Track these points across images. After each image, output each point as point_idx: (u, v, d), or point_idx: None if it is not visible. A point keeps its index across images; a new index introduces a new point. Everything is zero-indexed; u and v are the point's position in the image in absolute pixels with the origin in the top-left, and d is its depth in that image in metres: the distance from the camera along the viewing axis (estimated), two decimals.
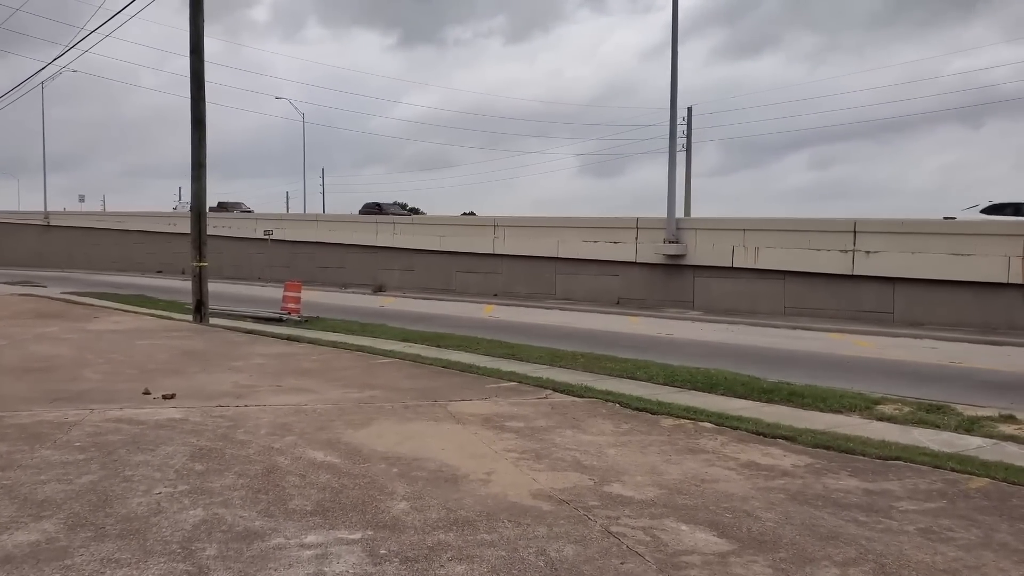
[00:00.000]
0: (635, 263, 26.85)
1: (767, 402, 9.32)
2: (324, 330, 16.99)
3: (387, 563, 4.25)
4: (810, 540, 4.73)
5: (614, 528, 4.86)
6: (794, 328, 19.87)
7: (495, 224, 31.80)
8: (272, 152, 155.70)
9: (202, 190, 17.88)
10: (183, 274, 33.83)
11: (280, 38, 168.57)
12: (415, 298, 29.49)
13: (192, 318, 17.66)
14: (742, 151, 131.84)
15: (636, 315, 23.21)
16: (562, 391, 9.53)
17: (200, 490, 5.46)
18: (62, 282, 34.92)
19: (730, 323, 21.05)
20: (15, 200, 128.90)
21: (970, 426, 8.16)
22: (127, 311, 20.42)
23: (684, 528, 4.90)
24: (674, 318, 22.43)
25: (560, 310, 24.88)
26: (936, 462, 6.51)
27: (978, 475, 6.18)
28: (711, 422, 7.89)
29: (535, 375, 10.74)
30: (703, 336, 17.99)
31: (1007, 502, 5.58)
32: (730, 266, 24.56)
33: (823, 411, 8.89)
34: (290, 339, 14.68)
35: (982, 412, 8.86)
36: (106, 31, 70.68)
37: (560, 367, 11.81)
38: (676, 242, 25.45)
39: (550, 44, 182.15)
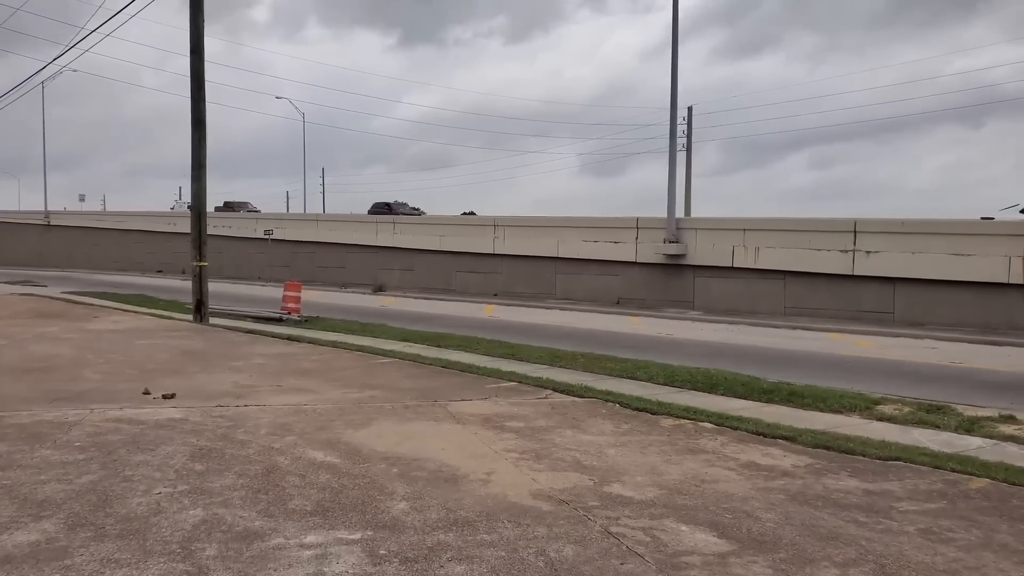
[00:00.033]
0: (635, 263, 26.85)
1: (767, 402, 9.32)
2: (324, 330, 16.99)
3: (387, 563, 4.25)
4: (810, 541, 4.73)
5: (614, 528, 4.86)
6: (794, 328, 19.87)
7: (495, 224, 31.80)
8: (272, 152, 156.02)
9: (202, 190, 17.89)
10: (183, 274, 33.84)
11: (280, 38, 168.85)
12: (415, 298, 29.49)
13: (192, 318, 17.67)
14: (742, 151, 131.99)
15: (636, 315, 23.21)
16: (562, 391, 9.53)
17: (200, 490, 5.46)
18: (62, 282, 34.93)
19: (730, 323, 21.04)
20: (16, 200, 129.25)
21: (970, 426, 8.15)
22: (127, 311, 20.42)
23: (684, 528, 4.90)
24: (674, 318, 22.43)
25: (560, 310, 24.88)
26: (936, 462, 6.50)
27: (978, 475, 6.18)
28: (711, 422, 7.89)
29: (535, 375, 10.74)
30: (703, 336, 17.99)
31: (1007, 503, 5.58)
32: (730, 266, 24.56)
33: (823, 411, 8.89)
34: (290, 339, 14.68)
35: (982, 412, 8.86)
36: (106, 31, 70.85)
37: (560, 367, 11.81)
38: (676, 242, 25.45)
39: (550, 44, 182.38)
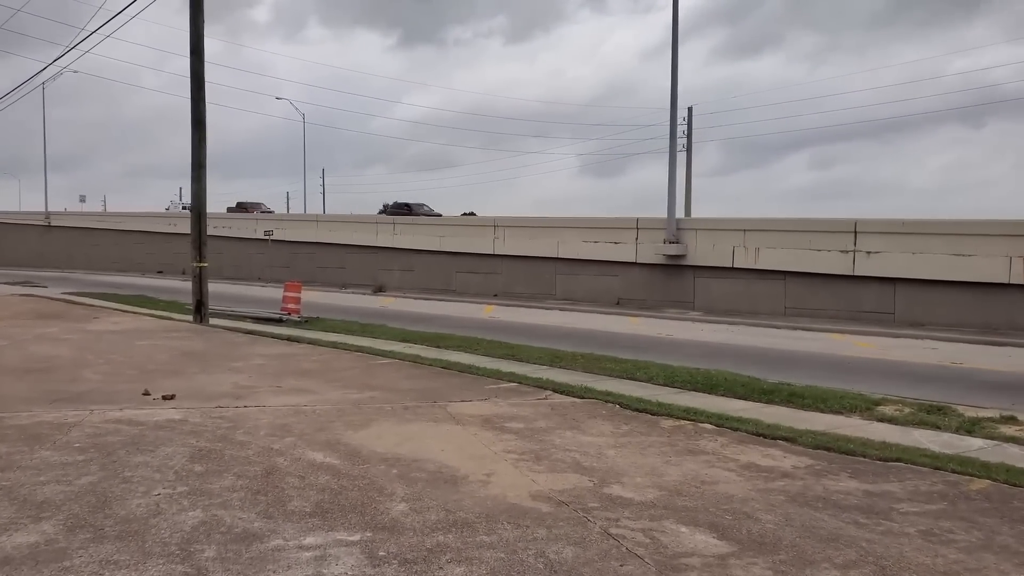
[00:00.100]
0: (635, 263, 26.84)
1: (767, 403, 9.31)
2: (324, 330, 16.99)
3: (386, 565, 4.24)
4: (810, 542, 4.72)
5: (614, 530, 4.85)
6: (794, 329, 19.86)
7: (495, 224, 31.79)
8: (273, 152, 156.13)
9: (202, 190, 17.88)
10: (183, 274, 33.83)
11: (281, 38, 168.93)
12: (415, 298, 29.48)
13: (192, 318, 17.66)
14: (743, 151, 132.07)
15: (636, 315, 23.20)
16: (562, 392, 9.52)
17: (199, 491, 5.45)
18: (62, 282, 34.93)
19: (730, 323, 21.03)
20: (16, 200, 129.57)
21: (971, 427, 8.14)
22: (127, 311, 20.41)
23: (684, 530, 4.89)
24: (674, 318, 22.42)
25: (560, 310, 24.87)
26: (937, 463, 6.49)
27: (979, 477, 6.16)
28: (711, 423, 7.88)
29: (535, 376, 10.74)
30: (703, 337, 17.98)
31: (1008, 504, 5.57)
32: (730, 266, 24.56)
33: (823, 412, 8.88)
34: (290, 340, 14.67)
35: (983, 413, 8.84)
36: (107, 32, 70.87)
37: (560, 368, 11.80)
38: (676, 242, 25.44)
39: (551, 44, 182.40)
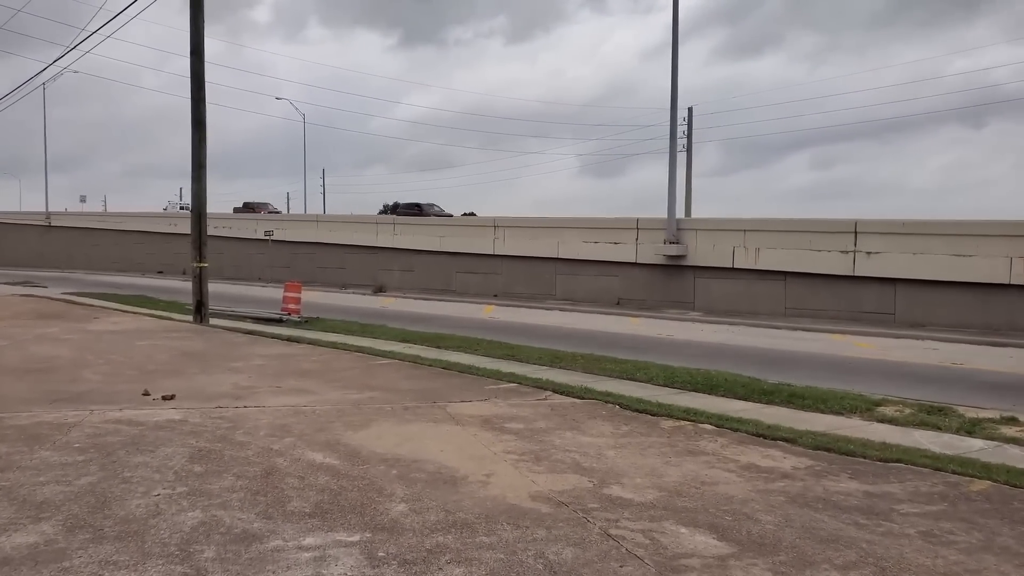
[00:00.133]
0: (635, 264, 26.84)
1: (767, 403, 9.30)
2: (324, 331, 16.98)
3: (385, 566, 4.24)
4: (810, 543, 4.71)
5: (613, 531, 4.85)
6: (795, 329, 19.85)
7: (495, 224, 31.79)
8: (273, 152, 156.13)
9: (202, 191, 17.88)
10: (184, 274, 33.82)
11: (281, 38, 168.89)
12: (415, 299, 29.48)
13: (192, 319, 17.65)
14: (743, 151, 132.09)
15: (636, 316, 23.19)
16: (562, 392, 9.51)
17: (199, 492, 5.45)
18: (63, 282, 34.93)
19: (730, 324, 21.03)
20: (16, 200, 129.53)
21: (971, 428, 8.13)
22: (127, 312, 20.41)
23: (684, 531, 4.88)
24: (674, 319, 22.41)
25: (560, 311, 24.87)
26: (937, 464, 6.48)
27: (979, 478, 6.16)
28: (711, 424, 7.88)
29: (535, 376, 10.73)
30: (703, 337, 17.98)
31: (1009, 505, 5.56)
32: (731, 267, 24.55)
33: (824, 413, 8.87)
34: (290, 340, 14.67)
35: (983, 414, 8.84)
36: (107, 32, 70.88)
37: (560, 368, 11.79)
38: (676, 243, 25.43)
39: (551, 44, 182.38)
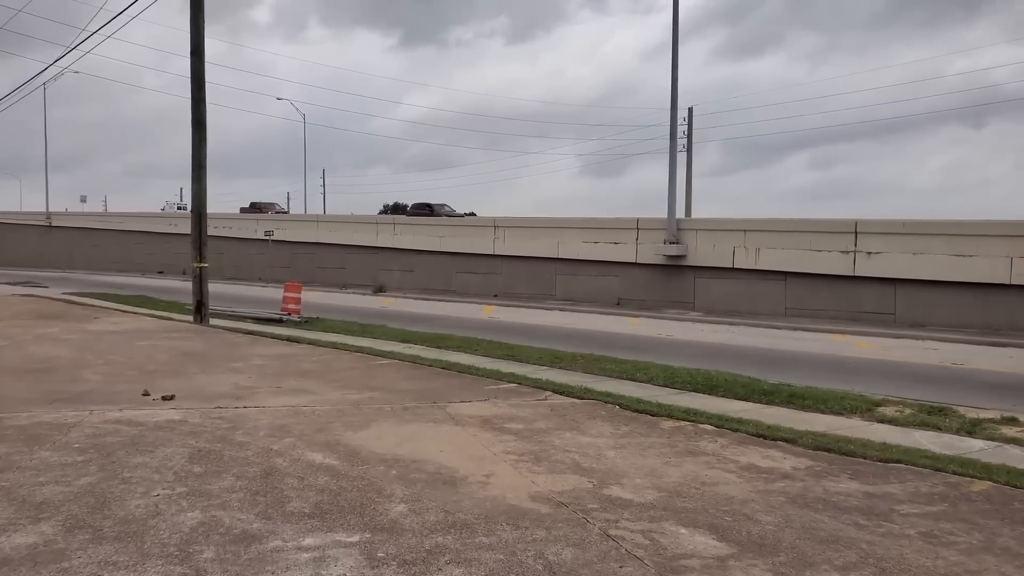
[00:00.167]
0: (635, 264, 26.83)
1: (767, 404, 9.30)
2: (324, 331, 16.98)
3: (385, 566, 4.23)
4: (810, 544, 4.71)
5: (613, 531, 4.84)
6: (795, 329, 19.85)
7: (495, 225, 31.79)
8: (273, 152, 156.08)
9: (203, 191, 17.88)
10: (184, 275, 33.81)
11: (281, 39, 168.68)
12: (415, 299, 29.48)
13: (192, 319, 17.65)
14: (743, 151, 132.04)
15: (636, 316, 23.19)
16: (562, 393, 9.51)
17: (198, 492, 5.44)
18: (63, 282, 34.94)
19: (731, 324, 21.02)
20: (17, 200, 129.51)
21: (972, 428, 8.13)
22: (127, 312, 20.41)
23: (683, 531, 4.88)
24: (674, 319, 22.41)
25: (560, 311, 24.87)
26: (937, 465, 6.48)
27: (980, 478, 6.15)
28: (711, 424, 7.87)
29: (535, 376, 10.72)
30: (703, 337, 17.97)
31: (1009, 505, 5.55)
32: (731, 267, 24.55)
33: (824, 413, 8.87)
34: (290, 340, 14.66)
35: (984, 414, 8.83)
36: (107, 32, 70.80)
37: (560, 368, 11.79)
38: (676, 243, 25.43)
39: (551, 44, 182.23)
